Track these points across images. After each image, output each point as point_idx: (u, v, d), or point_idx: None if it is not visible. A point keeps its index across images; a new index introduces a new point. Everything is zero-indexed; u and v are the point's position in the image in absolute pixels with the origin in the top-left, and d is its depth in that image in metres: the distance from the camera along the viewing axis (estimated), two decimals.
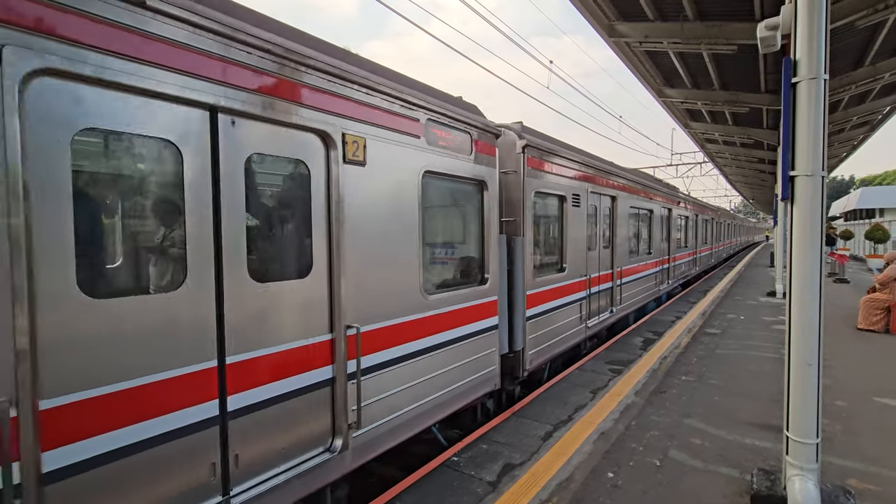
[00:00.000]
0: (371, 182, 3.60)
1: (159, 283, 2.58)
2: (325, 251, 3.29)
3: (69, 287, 2.08)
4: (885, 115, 15.44)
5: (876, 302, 9.03)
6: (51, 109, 2.04)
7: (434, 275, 4.63)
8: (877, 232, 20.68)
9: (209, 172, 2.62)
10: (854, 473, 3.88)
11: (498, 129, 5.31)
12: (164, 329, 2.43)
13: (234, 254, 2.72)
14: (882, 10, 7.44)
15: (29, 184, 1.95)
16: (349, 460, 3.39)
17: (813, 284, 3.08)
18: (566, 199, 7.04)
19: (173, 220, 2.54)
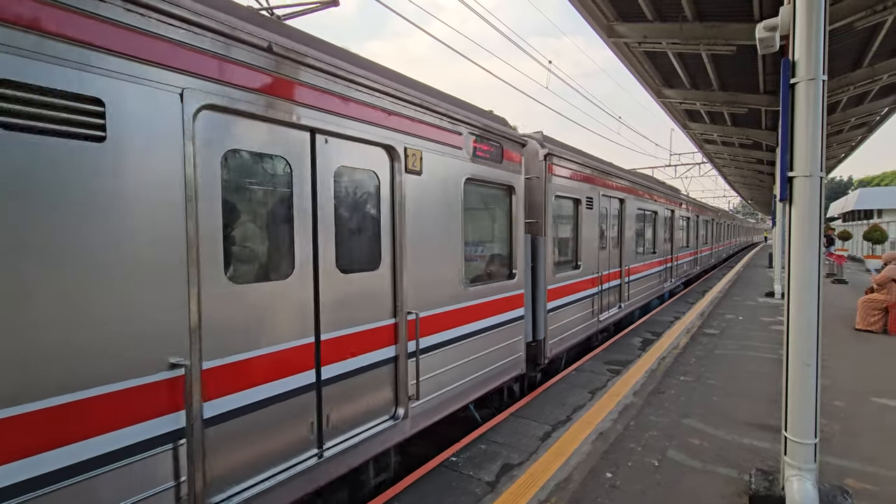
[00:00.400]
0: (425, 189, 4.21)
1: (276, 272, 3.12)
2: (390, 248, 3.90)
3: (220, 275, 2.69)
4: (883, 116, 15.47)
5: (874, 302, 9.05)
6: (209, 135, 2.65)
7: (471, 270, 5.11)
8: (875, 233, 20.76)
9: (309, 183, 3.23)
10: (852, 473, 3.88)
11: (524, 140, 5.92)
12: (279, 309, 3.04)
13: (326, 249, 3.34)
14: (880, 12, 7.46)
15: (198, 195, 2.58)
16: (408, 427, 4.00)
17: (811, 285, 3.09)
18: (581, 201, 7.65)
19: (286, 221, 3.13)
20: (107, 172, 2.24)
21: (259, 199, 3.11)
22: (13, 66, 1.94)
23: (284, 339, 3.07)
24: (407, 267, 3.97)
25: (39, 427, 2.02)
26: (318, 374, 3.28)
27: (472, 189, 4.98)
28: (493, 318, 5.26)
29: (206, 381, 2.61)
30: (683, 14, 8.43)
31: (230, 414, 2.76)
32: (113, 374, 2.24)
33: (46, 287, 2.04)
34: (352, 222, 3.65)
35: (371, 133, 3.64)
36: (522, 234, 5.84)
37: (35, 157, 2.02)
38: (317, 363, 3.27)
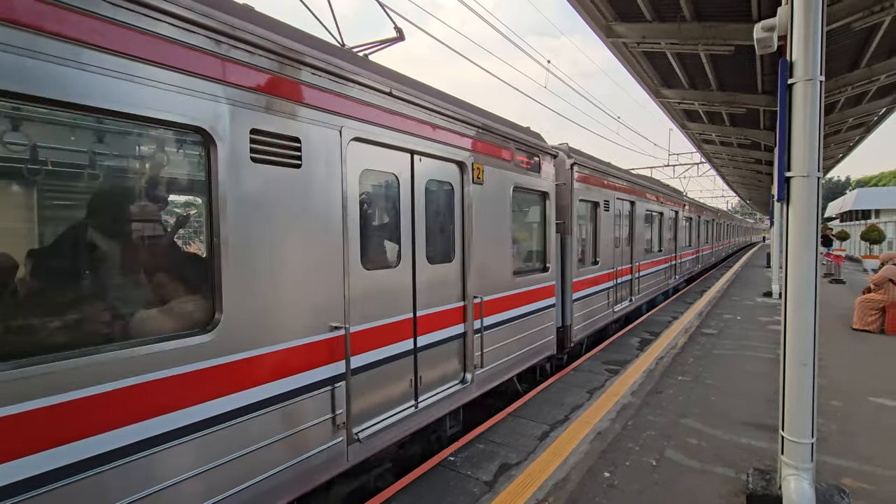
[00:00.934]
0: (485, 196, 5.10)
1: (390, 261, 4.02)
2: (461, 244, 4.80)
3: (352, 263, 3.50)
4: (880, 116, 15.51)
5: (871, 302, 9.07)
6: (353, 159, 3.53)
7: (517, 263, 5.97)
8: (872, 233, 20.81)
9: (409, 193, 4.11)
10: (849, 473, 3.90)
11: (555, 151, 6.93)
12: (393, 290, 3.96)
13: (420, 244, 4.21)
14: (878, 13, 7.47)
15: (347, 202, 3.41)
16: (473, 391, 4.92)
17: (808, 285, 3.09)
18: (599, 204, 8.60)
19: (396, 222, 4.04)
20: (302, 189, 3.14)
21: (379, 206, 4.04)
22: (262, 120, 2.89)
23: (395, 313, 3.98)
24: (472, 259, 4.87)
25: (276, 364, 2.98)
26: (415, 343, 4.19)
27: (517, 195, 5.85)
28: (533, 305, 6.17)
29: (353, 342, 3.48)
30: (682, 14, 8.43)
31: (365, 367, 3.67)
32: (305, 332, 3.17)
33: (279, 266, 2.99)
34: (435, 223, 4.53)
35: (449, 152, 4.58)
36: (554, 233, 6.80)
37: (269, 180, 2.93)
38: (414, 334, 4.19)
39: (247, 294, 2.81)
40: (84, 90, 2.13)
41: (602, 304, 8.80)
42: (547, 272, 6.57)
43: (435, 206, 4.52)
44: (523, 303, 5.91)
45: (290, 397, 3.06)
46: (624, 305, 10.04)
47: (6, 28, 1.92)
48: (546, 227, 6.61)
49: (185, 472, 2.50)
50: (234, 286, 2.74)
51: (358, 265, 3.58)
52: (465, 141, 4.79)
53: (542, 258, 6.63)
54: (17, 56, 1.94)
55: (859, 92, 11.97)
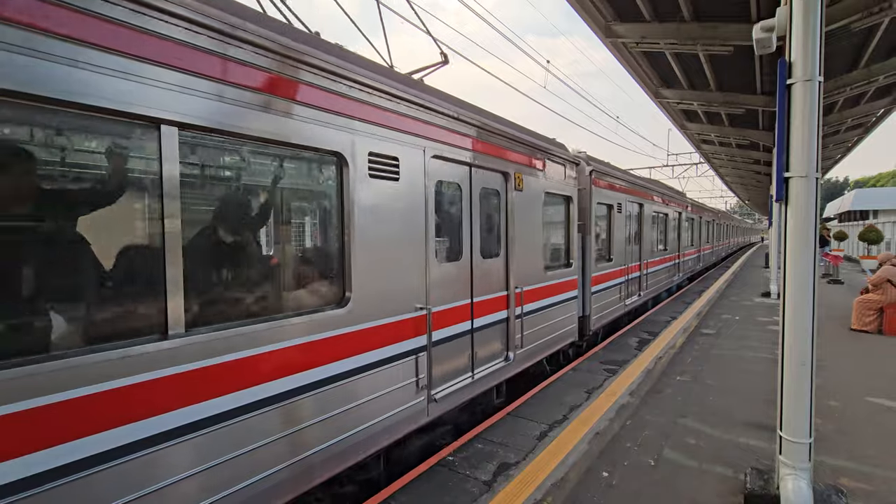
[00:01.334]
0: (523, 200, 5.84)
1: (455, 256, 4.78)
2: (505, 241, 5.56)
3: (430, 256, 4.27)
4: (879, 117, 15.52)
5: (869, 303, 9.09)
6: (432, 172, 4.29)
7: (547, 258, 6.72)
8: (870, 233, 20.84)
9: (468, 199, 4.92)
10: (846, 472, 3.91)
11: (577, 160, 7.77)
12: (457, 279, 4.77)
13: (476, 241, 5.00)
14: (877, 13, 7.47)
15: (427, 208, 4.21)
16: (513, 368, 5.69)
17: (807, 285, 3.10)
18: (613, 207, 9.41)
19: (459, 223, 4.84)
20: (400, 198, 3.95)
21: (446, 210, 4.73)
22: (376, 145, 3.69)
23: (459, 298, 4.78)
24: (514, 255, 5.60)
25: (383, 334, 3.78)
26: (472, 324, 4.95)
27: (548, 199, 6.60)
28: (560, 296, 6.99)
29: (432, 320, 4.25)
30: (681, 14, 8.44)
31: (440, 342, 4.47)
32: (401, 310, 3.95)
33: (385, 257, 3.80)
34: (486, 224, 5.27)
35: (498, 164, 5.34)
36: (576, 232, 7.64)
37: (379, 191, 3.72)
38: (471, 316, 4.96)
39: (365, 278, 3.61)
40: (281, 130, 3.02)
41: (615, 298, 9.63)
42: (571, 267, 7.43)
43: (486, 209, 5.31)
44: (553, 294, 6.74)
45: (392, 361, 3.86)
46: (634, 299, 10.88)
47: (254, 93, 2.87)
48: (570, 227, 7.49)
49: (331, 411, 3.32)
50: (358, 272, 3.54)
51: (434, 258, 4.36)
52: (509, 154, 5.60)
53: (566, 255, 7.48)
54: (257, 112, 2.87)
55: (858, 92, 11.98)
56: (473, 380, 4.91)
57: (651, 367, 6.67)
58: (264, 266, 3.41)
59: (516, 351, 5.66)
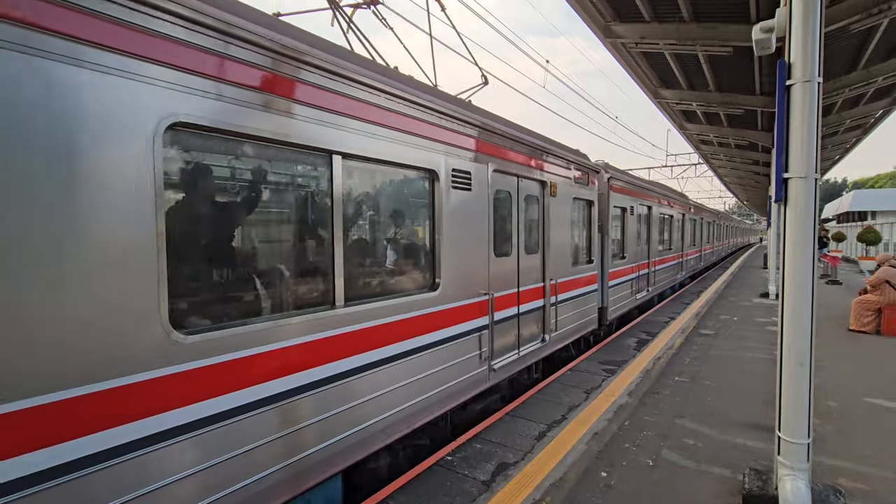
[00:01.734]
0: (556, 205, 6.73)
1: (507, 251, 5.64)
2: (542, 240, 6.44)
3: (491, 251, 5.17)
4: (877, 118, 15.55)
5: (867, 303, 9.10)
6: (493, 183, 5.22)
7: (574, 255, 7.58)
8: (869, 234, 20.86)
9: (516, 204, 5.79)
10: (845, 473, 3.91)
11: (598, 168, 8.70)
12: (509, 271, 5.62)
13: (521, 239, 5.89)
14: (876, 15, 7.48)
15: (490, 212, 5.13)
16: (547, 349, 6.58)
17: (805, 286, 3.10)
18: (627, 209, 10.35)
19: (510, 224, 5.73)
20: (471, 204, 4.86)
21: (500, 213, 5.50)
22: (456, 163, 4.62)
23: (510, 287, 5.63)
24: (549, 251, 6.50)
25: (461, 313, 4.70)
26: (518, 309, 5.81)
27: (575, 203, 7.52)
28: (585, 288, 7.93)
29: (495, 304, 5.22)
30: (680, 15, 8.44)
31: (498, 322, 5.33)
32: (471, 295, 4.86)
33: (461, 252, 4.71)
34: (528, 225, 6.15)
35: (537, 175, 6.26)
36: (597, 232, 8.60)
37: (457, 199, 4.63)
38: (518, 302, 5.81)
39: (449, 268, 4.50)
40: (402, 154, 3.97)
41: (627, 292, 10.55)
42: (592, 263, 8.33)
43: (529, 213, 6.18)
44: (579, 286, 7.68)
45: (466, 335, 4.79)
46: (643, 294, 11.76)
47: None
48: (591, 228, 8.42)
49: (426, 372, 4.22)
50: (444, 264, 4.44)
51: (493, 253, 5.23)
52: (546, 166, 6.53)
53: (588, 252, 8.34)
54: (392, 142, 3.85)
55: (857, 94, 12.00)
56: (519, 356, 5.83)
57: (649, 367, 6.68)
58: (389, 259, 4.33)
59: (551, 334, 6.59)
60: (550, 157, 6.64)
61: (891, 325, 8.84)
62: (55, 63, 2.00)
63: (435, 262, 4.40)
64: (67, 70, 2.04)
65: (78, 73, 2.07)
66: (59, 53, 2.01)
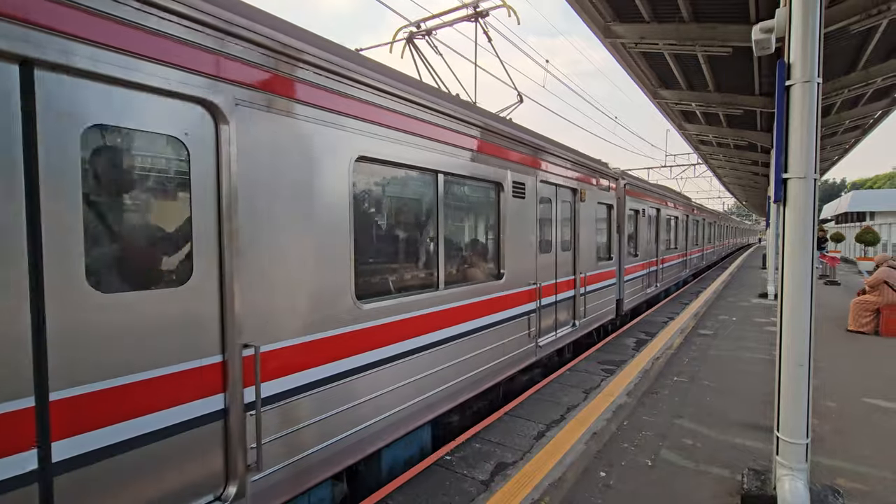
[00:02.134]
0: (584, 209, 7.84)
1: (548, 248, 6.69)
2: (573, 238, 7.56)
3: (537, 248, 6.29)
4: (876, 119, 15.58)
5: (866, 304, 9.12)
6: (539, 192, 6.36)
7: (598, 252, 8.71)
8: (867, 235, 20.83)
9: (554, 209, 6.91)
10: (843, 473, 3.91)
11: (616, 175, 9.86)
12: (549, 264, 6.69)
13: (558, 239, 6.98)
14: (875, 16, 7.50)
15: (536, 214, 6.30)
16: (577, 333, 7.72)
17: (804, 286, 3.10)
18: (639, 212, 11.51)
19: (550, 224, 6.78)
20: (525, 210, 5.94)
21: (544, 215, 6.56)
22: (516, 176, 5.73)
23: (550, 279, 6.76)
24: (579, 248, 7.63)
25: (516, 299, 5.79)
26: (555, 297, 6.91)
27: (599, 207, 8.64)
28: (606, 281, 9.07)
29: (541, 292, 6.33)
30: (680, 15, 8.45)
31: (543, 307, 6.44)
32: (523, 284, 5.93)
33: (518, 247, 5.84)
34: (564, 225, 7.24)
35: (571, 183, 7.36)
36: (615, 232, 9.66)
37: (515, 205, 5.72)
38: (555, 292, 6.91)
39: (510, 261, 5.61)
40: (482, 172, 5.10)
41: (639, 286, 11.64)
42: (611, 260, 9.46)
43: (564, 216, 7.25)
44: (602, 279, 8.80)
45: (521, 316, 5.92)
46: (652, 289, 12.86)
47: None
48: (611, 228, 9.47)
49: (492, 345, 5.33)
50: (507, 257, 5.54)
51: (538, 249, 6.30)
52: (577, 175, 7.65)
53: (608, 249, 9.42)
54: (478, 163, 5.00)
55: (856, 94, 12.01)
56: (556, 337, 6.93)
57: (648, 367, 6.68)
58: (471, 253, 5.35)
59: (580, 320, 7.71)
60: (580, 168, 7.76)
61: (889, 326, 8.86)
62: (308, 123, 3.12)
63: (500, 255, 5.53)
64: (314, 127, 3.16)
65: (319, 128, 3.19)
66: (319, 120, 3.19)
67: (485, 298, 5.14)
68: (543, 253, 6.47)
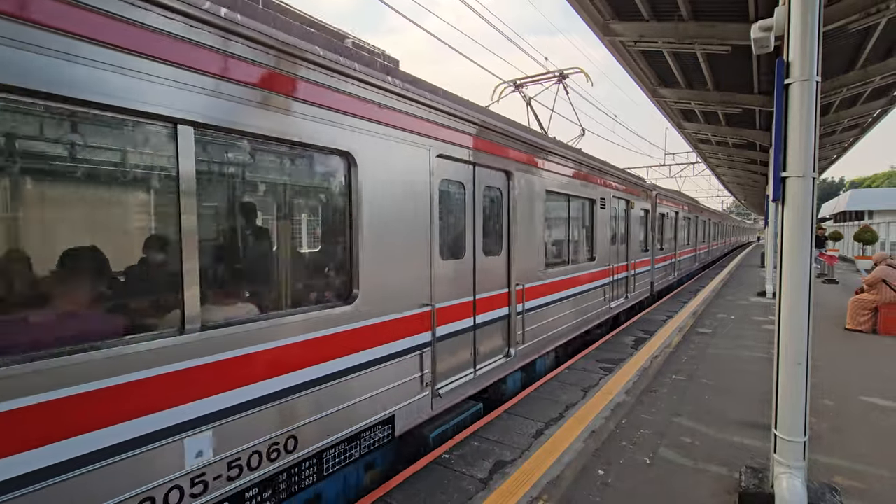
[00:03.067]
0: (633, 214, 10.70)
1: (616, 243, 9.75)
2: (626, 236, 10.36)
3: (609, 242, 9.26)
4: (875, 117, 15.59)
5: (864, 303, 9.14)
6: (612, 203, 9.39)
7: (640, 246, 11.56)
8: (865, 234, 20.90)
9: (617, 215, 9.83)
10: (840, 471, 3.93)
11: (651, 187, 12.62)
12: (616, 254, 9.75)
13: (618, 236, 9.94)
14: (874, 14, 7.50)
15: (611, 222, 9.36)
16: (629, 303, 10.59)
17: (803, 285, 3.11)
18: (665, 215, 14.44)
19: (617, 227, 9.95)
20: (607, 216, 8.93)
21: (613, 222, 9.12)
22: (607, 195, 9.00)
23: (614, 263, 9.45)
24: (630, 243, 10.42)
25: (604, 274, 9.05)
26: (612, 277, 9.25)
27: (639, 213, 11.28)
28: (644, 268, 11.94)
29: (613, 271, 9.36)
30: (679, 13, 8.44)
31: (615, 281, 9.57)
32: (611, 263, 9.31)
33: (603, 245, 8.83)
34: (619, 227, 9.66)
35: (624, 195, 9.80)
36: (650, 231, 12.50)
37: (602, 214, 8.70)
38: (611, 274, 9.19)
39: (599, 249, 8.33)
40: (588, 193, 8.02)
41: (663, 274, 14.57)
42: (647, 252, 12.27)
43: (622, 220, 10.03)
44: (642, 266, 11.67)
45: (603, 287, 8.75)
46: (671, 277, 15.86)
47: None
48: (647, 228, 12.32)
49: (590, 302, 8.25)
50: (597, 246, 8.16)
51: (610, 243, 8.84)
52: (628, 189, 10.21)
53: (645, 244, 12.20)
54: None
55: (855, 93, 12.02)
56: (616, 304, 9.61)
57: (647, 365, 6.69)
58: (578, 242, 7.71)
59: (630, 294, 10.56)
60: (631, 184, 10.53)
61: (887, 324, 8.88)
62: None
63: (592, 245, 8.18)
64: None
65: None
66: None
67: (587, 273, 8.02)
68: (612, 244, 9.11)
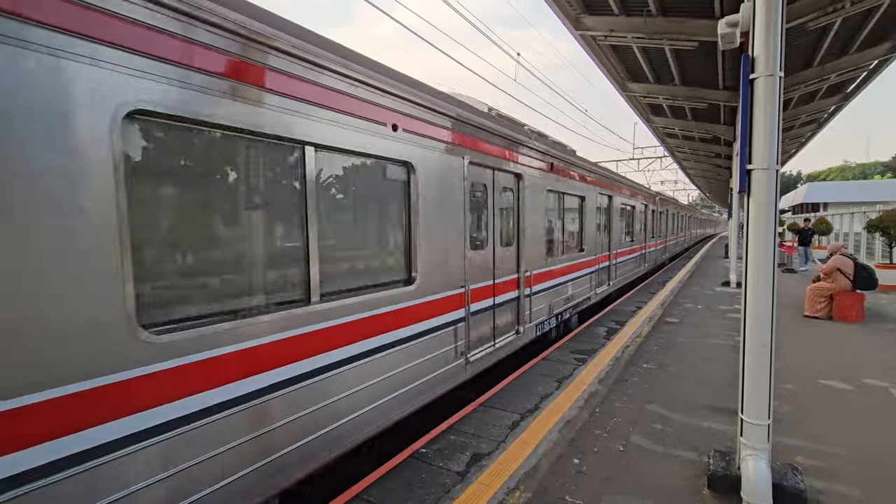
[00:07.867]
0: (651, 213, 17.51)
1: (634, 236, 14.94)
2: (653, 228, 17.83)
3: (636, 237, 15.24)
4: (830, 113, 16.29)
5: (820, 290, 9.56)
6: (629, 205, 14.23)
7: (659, 234, 19.65)
8: (821, 225, 21.81)
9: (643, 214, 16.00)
10: (801, 451, 4.10)
11: (654, 193, 18.74)
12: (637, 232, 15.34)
13: (649, 228, 17.12)
14: (830, 13, 7.80)
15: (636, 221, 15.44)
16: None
17: (767, 272, 3.21)
18: (662, 212, 19.45)
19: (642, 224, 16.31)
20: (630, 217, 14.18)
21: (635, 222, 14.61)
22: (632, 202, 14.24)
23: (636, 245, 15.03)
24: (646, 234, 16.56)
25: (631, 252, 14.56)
26: (630, 256, 14.18)
27: (652, 213, 17.21)
28: (657, 247, 19.04)
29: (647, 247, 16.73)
30: (648, 8, 8.58)
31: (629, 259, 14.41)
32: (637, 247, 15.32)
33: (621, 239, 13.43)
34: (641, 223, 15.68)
35: (643, 200, 15.62)
36: (653, 224, 17.27)
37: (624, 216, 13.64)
38: (629, 252, 14.21)
39: (616, 243, 12.30)
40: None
41: (660, 253, 19.96)
42: (654, 239, 17.19)
43: (641, 218, 14.87)
44: (660, 245, 19.31)
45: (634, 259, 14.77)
46: (665, 256, 21.90)
47: None
48: (654, 222, 16.51)
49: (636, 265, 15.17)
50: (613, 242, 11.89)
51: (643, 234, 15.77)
52: (645, 198, 15.34)
53: (653, 233, 17.15)
54: None
55: (812, 90, 12.52)
56: (635, 276, 14.01)
57: (619, 355, 6.84)
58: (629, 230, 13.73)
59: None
60: (647, 193, 14.58)
61: (842, 311, 9.33)
62: None
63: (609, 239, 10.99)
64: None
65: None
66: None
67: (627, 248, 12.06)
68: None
